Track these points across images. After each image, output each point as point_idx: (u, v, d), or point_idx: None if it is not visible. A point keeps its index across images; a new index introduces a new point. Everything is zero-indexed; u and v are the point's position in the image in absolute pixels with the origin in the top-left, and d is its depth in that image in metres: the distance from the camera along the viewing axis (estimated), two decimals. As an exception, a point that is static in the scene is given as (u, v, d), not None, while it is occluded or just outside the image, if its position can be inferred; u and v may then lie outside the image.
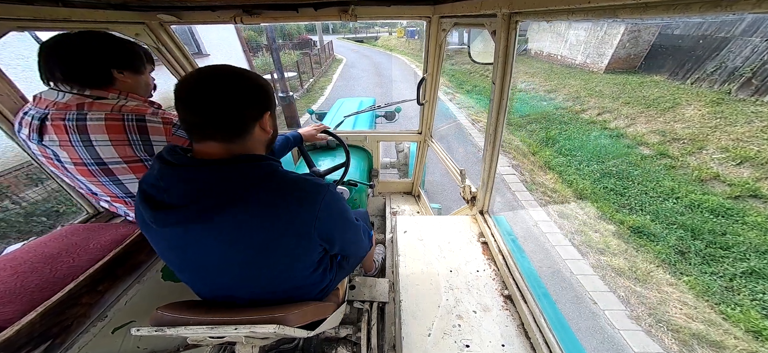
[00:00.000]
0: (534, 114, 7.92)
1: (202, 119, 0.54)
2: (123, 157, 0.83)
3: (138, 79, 0.90)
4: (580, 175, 5.07)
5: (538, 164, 5.58)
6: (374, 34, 41.26)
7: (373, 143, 2.24)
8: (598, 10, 0.65)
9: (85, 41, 0.78)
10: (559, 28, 12.71)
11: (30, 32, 1.00)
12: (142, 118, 0.82)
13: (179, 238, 0.58)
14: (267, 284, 0.69)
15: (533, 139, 6.57)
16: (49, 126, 0.76)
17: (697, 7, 0.51)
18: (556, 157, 5.67)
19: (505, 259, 1.17)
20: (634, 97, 7.78)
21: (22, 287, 0.75)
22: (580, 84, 9.46)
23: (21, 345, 0.67)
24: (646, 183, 4.75)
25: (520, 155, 5.94)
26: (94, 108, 0.78)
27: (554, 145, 6.16)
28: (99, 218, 1.22)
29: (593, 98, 8.34)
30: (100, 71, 0.81)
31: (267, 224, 0.57)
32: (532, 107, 8.59)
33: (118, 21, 1.18)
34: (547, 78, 10.85)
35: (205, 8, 1.29)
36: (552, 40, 13.25)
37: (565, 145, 6.08)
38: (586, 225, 3.96)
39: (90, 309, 0.85)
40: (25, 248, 0.90)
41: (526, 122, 7.50)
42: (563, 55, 12.49)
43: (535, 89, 10.13)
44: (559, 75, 10.88)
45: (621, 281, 3.12)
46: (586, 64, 11.20)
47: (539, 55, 14.06)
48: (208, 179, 0.54)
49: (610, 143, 6.11)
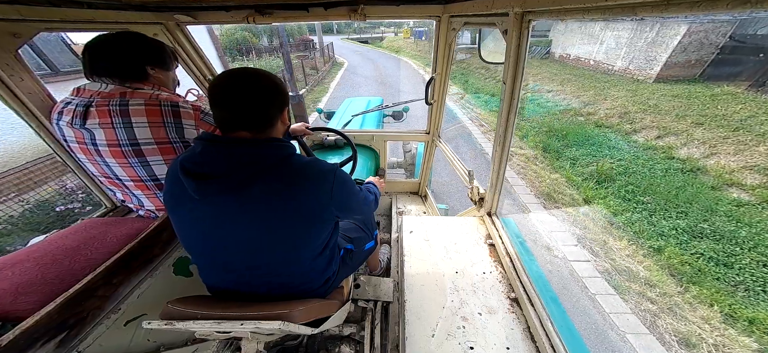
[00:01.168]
0: (572, 135, 6.28)
1: (233, 116, 0.65)
2: (156, 139, 0.92)
3: (167, 75, 1.03)
4: (660, 235, 3.37)
5: (599, 221, 3.71)
6: (379, 35, 39.13)
7: (380, 142, 2.24)
8: (616, 9, 0.63)
9: (124, 41, 0.91)
10: (591, 29, 11.12)
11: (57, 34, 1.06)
12: (176, 104, 0.94)
13: (211, 210, 0.65)
14: (277, 264, 0.73)
15: (579, 173, 4.79)
16: (94, 111, 0.87)
17: (724, 4, 0.49)
18: (620, 204, 3.89)
19: (513, 261, 1.15)
20: (709, 115, 5.77)
21: (43, 278, 0.79)
22: (626, 95, 7.79)
23: (39, 335, 0.70)
24: (762, 248, 3.08)
25: (567, 199, 4.12)
26: (135, 96, 0.89)
27: (611, 184, 4.39)
28: (116, 212, 1.27)
29: (648, 114, 6.50)
30: (137, 67, 0.94)
31: (290, 196, 0.66)
32: (567, 124, 6.90)
33: (138, 22, 1.22)
34: (580, 87, 9.02)
35: (219, 8, 1.32)
36: (582, 41, 11.72)
37: (626, 185, 4.24)
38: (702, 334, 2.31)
39: (105, 301, 0.88)
40: (48, 240, 0.94)
41: (563, 146, 5.82)
42: (597, 59, 10.86)
43: (567, 100, 8.41)
44: (595, 83, 9.18)
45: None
46: (628, 71, 9.57)
47: (565, 58, 12.54)
48: (244, 153, 0.64)
49: (685, 181, 4.32)
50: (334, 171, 0.73)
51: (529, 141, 6.35)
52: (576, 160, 5.28)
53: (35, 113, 0.96)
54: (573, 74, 10.55)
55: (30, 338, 0.67)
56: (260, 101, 0.66)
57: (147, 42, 0.95)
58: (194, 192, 0.62)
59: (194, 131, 0.97)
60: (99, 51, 0.88)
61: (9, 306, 0.71)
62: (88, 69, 0.89)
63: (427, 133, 2.08)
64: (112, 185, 1.05)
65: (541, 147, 5.93)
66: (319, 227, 0.74)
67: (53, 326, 0.73)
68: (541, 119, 7.52)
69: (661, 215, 3.68)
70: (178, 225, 0.72)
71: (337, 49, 24.14)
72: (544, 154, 5.77)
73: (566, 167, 5.02)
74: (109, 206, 1.27)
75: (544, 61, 13.86)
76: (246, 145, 0.64)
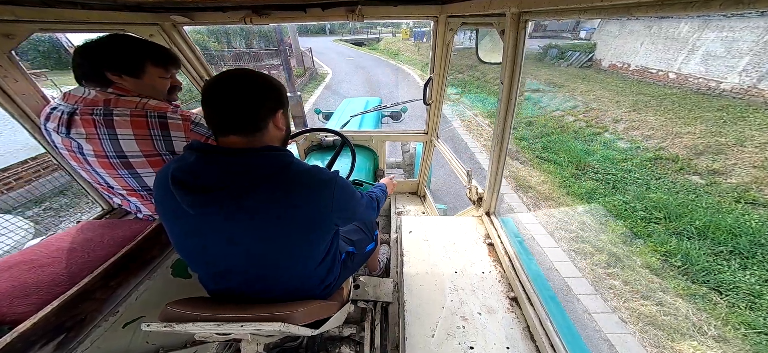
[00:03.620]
0: (704, 221, 3.48)
1: (220, 116, 0.62)
2: (143, 151, 0.87)
3: (154, 77, 0.94)
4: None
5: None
6: (376, 36, 33.84)
7: (378, 142, 2.24)
8: (610, 9, 0.64)
9: (114, 43, 0.85)
10: (672, 30, 7.53)
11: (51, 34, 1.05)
12: (163, 115, 0.88)
13: (207, 223, 0.63)
14: (278, 274, 0.72)
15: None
16: (78, 120, 0.82)
17: (717, 5, 0.49)
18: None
19: (512, 261, 1.15)
20: None
21: (39, 281, 0.78)
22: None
23: (37, 339, 0.69)
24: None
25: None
26: (119, 105, 0.84)
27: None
28: (113, 214, 1.26)
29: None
30: (125, 69, 0.87)
31: (289, 204, 0.64)
32: (692, 208, 3.70)
33: (134, 22, 1.21)
34: (674, 117, 5.54)
35: (216, 9, 1.31)
36: (653, 46, 8.22)
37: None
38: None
39: (103, 303, 0.87)
40: (44, 243, 0.93)
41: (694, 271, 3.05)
42: (686, 72, 7.36)
43: (655, 141, 5.07)
44: (700, 111, 5.78)
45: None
46: (759, 92, 6.04)
47: (620, 69, 9.01)
48: (239, 163, 0.61)
49: None
50: (334, 179, 0.71)
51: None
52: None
53: (30, 115, 0.95)
54: (647, 94, 6.88)
55: (27, 341, 0.67)
56: (248, 100, 0.62)
57: (138, 43, 0.90)
58: (189, 207, 0.59)
59: (184, 143, 0.91)
60: (85, 54, 0.83)
61: (4, 309, 0.70)
62: (77, 74, 0.85)
63: (425, 133, 2.08)
64: (106, 191, 1.03)
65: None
66: (319, 235, 0.73)
67: (51, 329, 0.72)
68: (636, 193, 4.16)
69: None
70: (172, 235, 0.70)
71: (324, 54, 21.06)
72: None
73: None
74: (106, 208, 1.26)
75: (585, 72, 10.18)
76: (240, 155, 0.62)
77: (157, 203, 0.68)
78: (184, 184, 0.59)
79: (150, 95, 0.93)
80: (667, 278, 3.05)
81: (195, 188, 0.59)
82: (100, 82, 0.86)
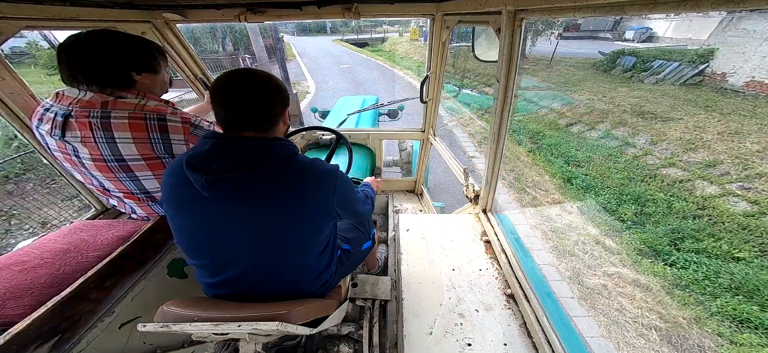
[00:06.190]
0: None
1: (238, 115, 0.67)
2: (142, 154, 0.86)
3: (155, 79, 0.92)
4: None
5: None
6: (381, 35, 29.35)
7: (375, 141, 2.24)
8: (605, 7, 0.64)
9: (102, 44, 0.79)
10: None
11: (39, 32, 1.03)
12: (163, 117, 0.85)
13: (218, 207, 0.66)
14: (280, 262, 0.74)
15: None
16: (74, 123, 0.79)
17: (708, 3, 0.50)
18: None
19: (508, 258, 1.16)
20: None
21: (33, 283, 0.77)
22: None
23: (31, 340, 0.68)
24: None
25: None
26: (117, 107, 0.81)
27: None
28: (107, 214, 1.24)
29: None
30: (120, 74, 0.83)
31: (294, 195, 0.68)
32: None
33: (125, 20, 1.19)
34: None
35: (210, 6, 1.30)
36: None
37: None
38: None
39: (98, 304, 0.86)
40: (36, 244, 0.92)
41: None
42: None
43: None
44: None
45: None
46: None
47: (758, 86, 5.64)
48: (252, 151, 0.66)
49: None
50: (335, 172, 0.75)
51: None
52: None
53: (18, 114, 0.93)
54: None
55: (21, 343, 0.66)
56: (264, 100, 0.68)
57: (130, 42, 0.85)
58: (202, 188, 0.63)
59: (183, 146, 0.89)
60: (75, 53, 0.77)
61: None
62: (66, 74, 0.78)
63: (422, 131, 2.08)
64: (101, 193, 1.01)
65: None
66: (321, 225, 0.76)
67: (45, 330, 0.71)
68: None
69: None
70: (180, 225, 0.71)
71: (315, 59, 17.47)
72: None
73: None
74: (100, 208, 1.25)
75: (696, 92, 6.68)
76: (255, 142, 0.67)
77: (167, 191, 0.70)
78: (200, 166, 0.63)
79: (161, 91, 0.93)
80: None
81: (210, 171, 0.63)
82: (117, 82, 0.83)
